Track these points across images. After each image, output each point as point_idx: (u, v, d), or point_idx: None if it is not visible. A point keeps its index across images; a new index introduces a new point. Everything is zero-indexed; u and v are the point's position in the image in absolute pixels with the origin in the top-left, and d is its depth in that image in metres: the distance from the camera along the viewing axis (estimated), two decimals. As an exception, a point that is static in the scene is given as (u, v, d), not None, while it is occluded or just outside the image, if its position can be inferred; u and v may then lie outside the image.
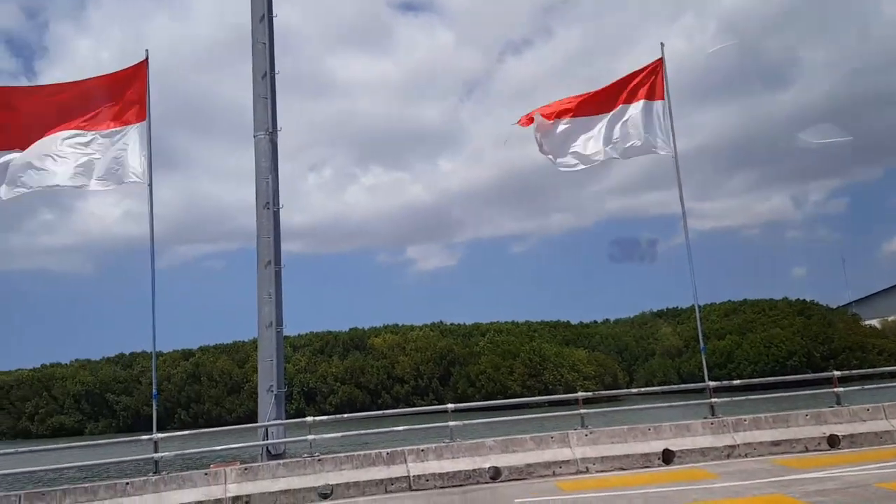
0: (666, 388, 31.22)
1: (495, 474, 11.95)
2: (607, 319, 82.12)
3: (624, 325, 78.25)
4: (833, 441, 12.62)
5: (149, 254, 13.60)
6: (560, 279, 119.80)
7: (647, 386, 53.80)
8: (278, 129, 15.18)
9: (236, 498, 11.17)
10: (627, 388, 60.66)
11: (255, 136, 15.06)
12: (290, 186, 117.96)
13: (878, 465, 10.56)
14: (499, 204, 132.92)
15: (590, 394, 15.67)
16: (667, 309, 76.31)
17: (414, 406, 51.74)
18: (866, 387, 16.45)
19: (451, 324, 75.60)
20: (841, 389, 13.57)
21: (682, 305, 72.77)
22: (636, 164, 16.26)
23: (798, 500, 8.50)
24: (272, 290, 14.33)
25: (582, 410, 13.17)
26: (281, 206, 15.02)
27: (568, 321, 78.84)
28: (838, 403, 13.36)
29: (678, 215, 15.42)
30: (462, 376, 63.38)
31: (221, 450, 14.22)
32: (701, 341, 15.96)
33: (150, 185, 13.72)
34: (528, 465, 12.07)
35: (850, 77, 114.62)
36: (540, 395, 51.22)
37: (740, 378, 37.55)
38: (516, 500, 10.18)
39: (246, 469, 11.67)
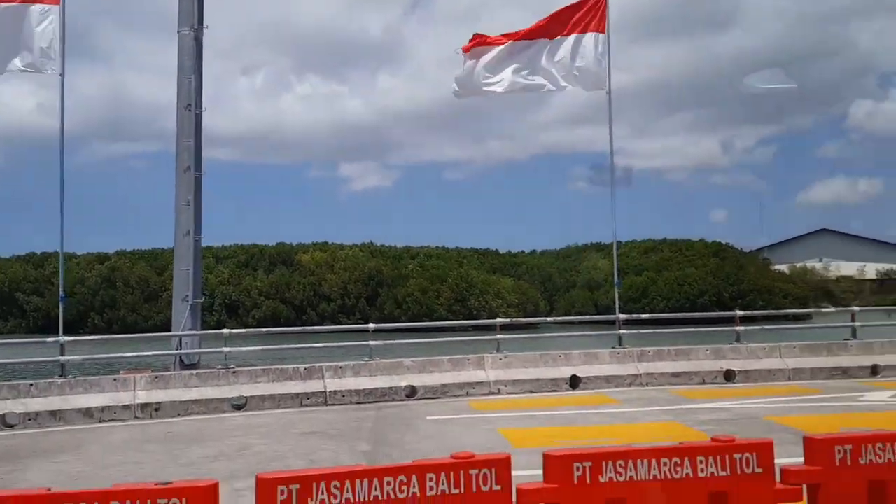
0: (579, 318, 32.26)
1: (411, 392, 12.22)
2: (534, 250, 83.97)
3: (549, 257, 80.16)
4: (729, 375, 13.44)
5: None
6: (492, 208, 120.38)
7: (566, 316, 55.73)
8: (205, 26, 14.27)
9: (145, 405, 11.03)
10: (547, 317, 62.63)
11: (178, 32, 14.10)
12: (219, 89, 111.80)
13: (768, 400, 11.33)
14: (438, 127, 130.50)
15: (507, 320, 16.09)
16: (591, 243, 78.37)
17: (340, 324, 52.01)
18: (766, 327, 17.46)
19: (382, 245, 75.46)
20: (742, 328, 14.35)
21: (606, 241, 74.88)
22: (576, 97, 16.17)
23: (690, 428, 9.03)
24: (191, 196, 13.77)
25: (499, 336, 13.52)
26: (204, 108, 14.29)
27: (497, 250, 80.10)
28: (738, 341, 14.15)
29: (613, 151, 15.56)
30: (390, 297, 63.90)
31: (132, 357, 13.96)
32: (615, 276, 16.52)
33: (63, 74, 12.93)
34: (444, 385, 12.39)
35: (797, 24, 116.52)
36: (465, 319, 52.34)
37: (653, 313, 39.39)
38: (429, 417, 10.47)
39: (157, 377, 11.50)
